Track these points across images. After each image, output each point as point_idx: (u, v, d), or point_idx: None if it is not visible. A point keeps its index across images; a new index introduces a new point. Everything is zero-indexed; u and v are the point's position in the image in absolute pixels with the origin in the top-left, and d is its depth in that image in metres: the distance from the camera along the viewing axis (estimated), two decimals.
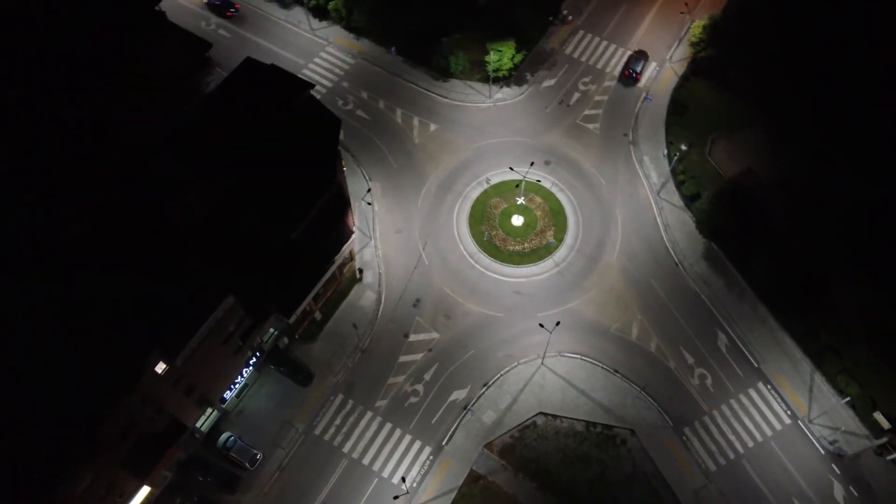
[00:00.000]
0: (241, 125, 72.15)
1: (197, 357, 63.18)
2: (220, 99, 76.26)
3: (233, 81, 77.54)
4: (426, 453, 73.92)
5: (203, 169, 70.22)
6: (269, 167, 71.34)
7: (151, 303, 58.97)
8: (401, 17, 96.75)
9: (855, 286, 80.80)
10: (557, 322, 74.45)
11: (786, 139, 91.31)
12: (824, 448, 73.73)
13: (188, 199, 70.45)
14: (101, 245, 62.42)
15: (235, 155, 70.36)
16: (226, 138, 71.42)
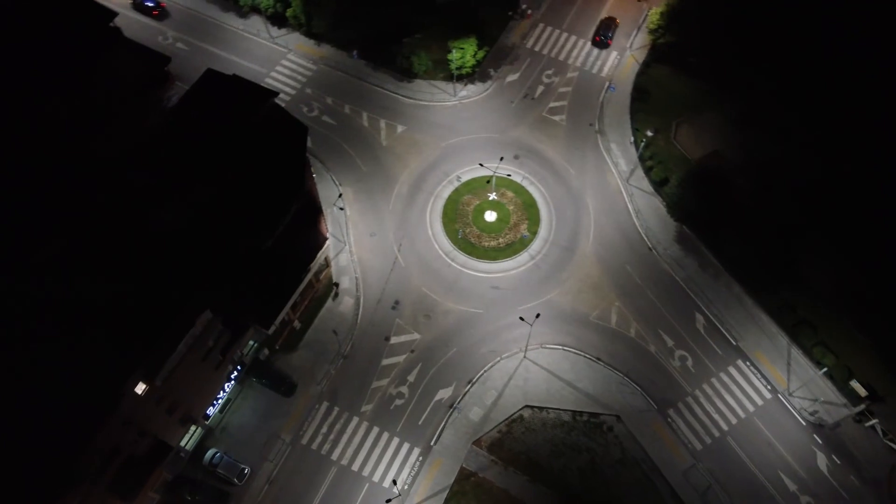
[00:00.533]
0: (206, 138, 71.39)
1: (177, 375, 62.34)
2: (182, 112, 75.41)
3: (195, 94, 76.72)
4: (415, 454, 73.76)
5: (170, 184, 69.37)
6: (237, 178, 70.80)
7: (127, 322, 58.10)
8: (360, 20, 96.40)
9: (824, 258, 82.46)
10: (538, 314, 74.84)
11: (748, 119, 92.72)
12: (805, 419, 75.07)
13: (158, 215, 69.64)
14: (72, 265, 61.38)
15: (202, 168, 69.62)
16: (190, 152, 70.61)
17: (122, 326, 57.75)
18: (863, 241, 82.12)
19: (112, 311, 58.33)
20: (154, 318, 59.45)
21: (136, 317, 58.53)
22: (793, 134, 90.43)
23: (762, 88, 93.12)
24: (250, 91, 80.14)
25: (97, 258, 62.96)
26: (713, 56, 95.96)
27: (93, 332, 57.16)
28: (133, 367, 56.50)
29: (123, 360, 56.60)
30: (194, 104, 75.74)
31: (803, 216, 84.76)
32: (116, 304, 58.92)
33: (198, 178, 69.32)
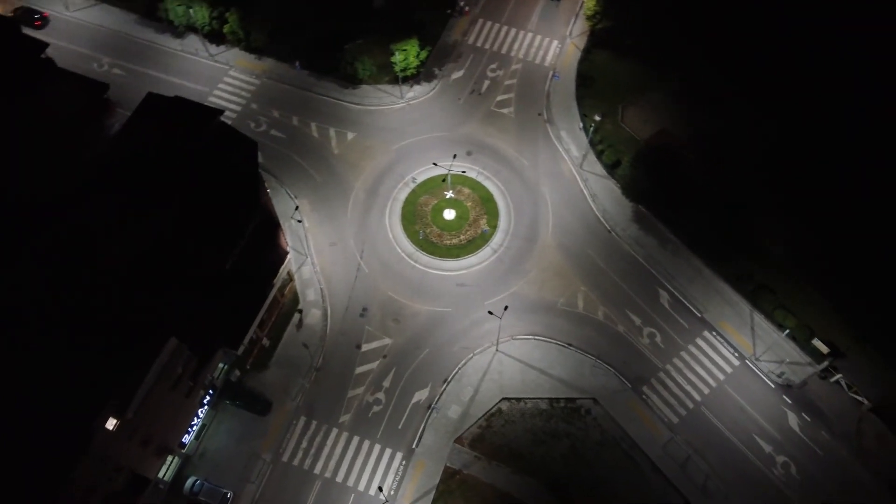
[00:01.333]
0: (152, 164, 70.04)
1: (148, 406, 61.02)
2: (125, 139, 73.91)
3: (137, 119, 75.27)
4: (398, 459, 73.61)
5: (119, 214, 67.92)
6: (189, 200, 69.49)
7: (91, 357, 56.74)
8: (298, 31, 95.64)
9: (776, 222, 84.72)
10: (506, 307, 75.33)
11: (689, 95, 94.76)
12: (773, 382, 77.08)
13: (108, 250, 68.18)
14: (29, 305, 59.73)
15: (151, 195, 68.22)
16: (137, 180, 69.22)
17: (85, 363, 56.43)
18: (810, 201, 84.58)
19: (73, 349, 57.01)
20: (118, 351, 58.23)
21: (99, 352, 57.26)
22: (732, 104, 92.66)
23: (698, 63, 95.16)
24: (194, 111, 78.95)
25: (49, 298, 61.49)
26: (649, 36, 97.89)
27: (55, 372, 55.80)
28: (101, 402, 55.21)
29: (91, 397, 55.31)
30: (137, 130, 74.25)
31: (751, 184, 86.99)
32: (77, 341, 57.61)
33: (147, 206, 67.94)
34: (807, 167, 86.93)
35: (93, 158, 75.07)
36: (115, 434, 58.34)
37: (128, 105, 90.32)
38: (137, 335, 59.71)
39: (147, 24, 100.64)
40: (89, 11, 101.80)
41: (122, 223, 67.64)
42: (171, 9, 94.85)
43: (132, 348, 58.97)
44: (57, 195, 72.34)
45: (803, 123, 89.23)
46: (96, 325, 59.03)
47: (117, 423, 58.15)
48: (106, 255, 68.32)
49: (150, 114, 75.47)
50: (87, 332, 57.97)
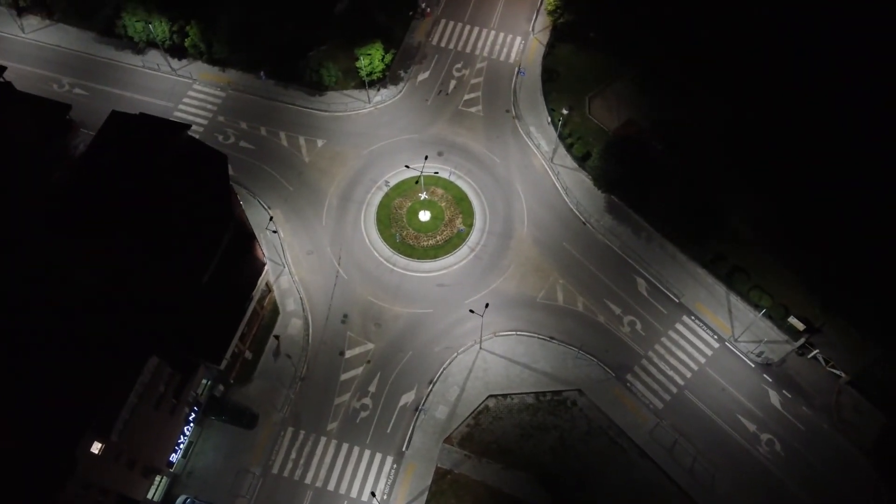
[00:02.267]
0: (121, 181, 69.09)
1: (133, 426, 60.41)
2: (91, 159, 72.79)
3: (102, 138, 74.19)
4: (389, 463, 73.55)
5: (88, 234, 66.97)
6: (161, 217, 68.61)
7: (70, 381, 55.93)
8: (260, 40, 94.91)
9: (740, 202, 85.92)
10: (486, 304, 75.63)
11: (650, 84, 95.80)
12: (753, 361, 78.39)
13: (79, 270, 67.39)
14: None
15: (121, 212, 67.30)
16: (107, 197, 68.25)
17: (64, 388, 55.62)
18: (770, 179, 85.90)
19: (51, 375, 56.15)
20: (98, 373, 57.47)
21: (79, 375, 56.48)
22: (690, 91, 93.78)
23: (655, 53, 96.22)
24: (160, 127, 77.96)
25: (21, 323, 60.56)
26: (608, 28, 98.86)
27: (33, 399, 54.94)
28: (84, 426, 54.46)
29: (73, 421, 54.55)
30: (103, 149, 73.25)
31: (715, 167, 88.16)
32: (54, 366, 56.76)
33: (118, 225, 67.01)
34: (764, 146, 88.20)
35: (59, 179, 74.08)
36: (101, 458, 57.64)
37: (92, 125, 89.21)
38: (117, 356, 59.08)
39: (106, 42, 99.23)
40: (45, 32, 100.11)
41: (91, 244, 66.91)
42: (129, 25, 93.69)
43: (112, 369, 58.32)
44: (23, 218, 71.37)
45: (757, 104, 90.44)
46: (73, 348, 58.33)
47: (102, 447, 57.47)
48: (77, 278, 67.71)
49: (115, 132, 74.42)
50: (63, 356, 57.27)
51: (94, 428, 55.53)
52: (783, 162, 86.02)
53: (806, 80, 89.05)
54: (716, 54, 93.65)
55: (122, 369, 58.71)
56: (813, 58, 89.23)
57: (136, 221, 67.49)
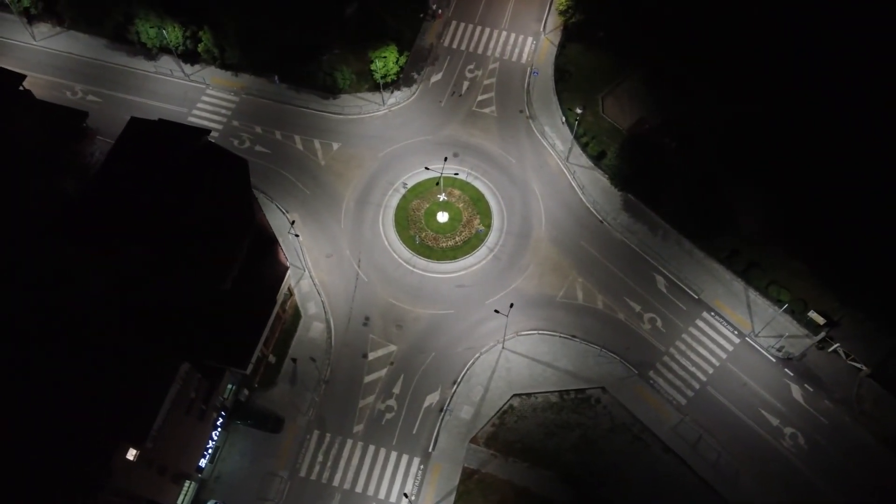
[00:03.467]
0: (142, 187, 69.19)
1: (165, 433, 60.50)
2: (111, 166, 72.79)
3: (122, 145, 74.18)
4: (416, 464, 73.86)
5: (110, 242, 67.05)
6: (183, 224, 68.72)
7: (104, 389, 56.06)
8: (272, 44, 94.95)
9: (753, 199, 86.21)
10: (511, 304, 75.90)
11: (658, 82, 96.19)
12: (774, 356, 78.96)
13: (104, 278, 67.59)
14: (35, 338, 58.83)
15: (143, 219, 67.37)
16: (128, 204, 68.31)
17: (99, 395, 55.75)
18: (783, 176, 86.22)
19: (86, 382, 56.28)
20: (131, 380, 57.61)
21: (113, 383, 56.61)
22: (695, 89, 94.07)
23: (659, 52, 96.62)
24: (180, 133, 78.15)
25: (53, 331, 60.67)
26: (617, 28, 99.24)
27: (69, 406, 55.06)
28: (120, 433, 54.61)
29: (108, 428, 54.68)
30: (123, 156, 73.30)
31: (724, 164, 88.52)
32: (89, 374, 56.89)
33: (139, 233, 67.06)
34: (770, 143, 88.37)
35: (81, 187, 73.98)
36: (135, 464, 57.80)
37: (107, 132, 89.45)
38: (148, 362, 59.21)
39: (118, 49, 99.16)
40: (56, 40, 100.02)
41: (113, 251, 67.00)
42: (142, 31, 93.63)
43: (145, 376, 58.47)
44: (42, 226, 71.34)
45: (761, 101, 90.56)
46: (103, 356, 58.42)
47: (136, 454, 57.63)
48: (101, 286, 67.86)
49: (134, 139, 74.43)
50: (98, 364, 57.34)
51: (129, 435, 55.66)
52: (790, 158, 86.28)
53: (807, 76, 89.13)
54: (718, 53, 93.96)
55: (155, 376, 58.82)
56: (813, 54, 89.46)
57: (158, 228, 67.74)
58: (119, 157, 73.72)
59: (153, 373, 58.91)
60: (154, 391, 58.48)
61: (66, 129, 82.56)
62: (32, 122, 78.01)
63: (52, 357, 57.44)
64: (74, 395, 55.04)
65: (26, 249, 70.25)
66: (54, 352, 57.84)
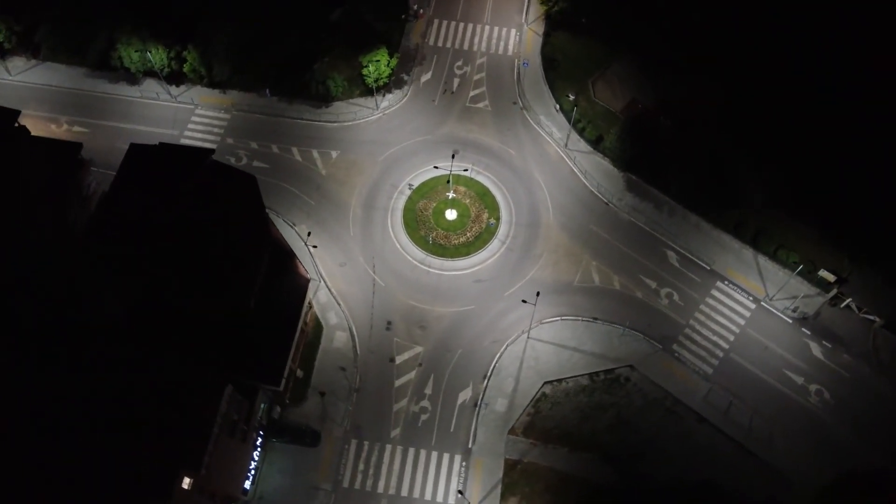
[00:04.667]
0: (152, 213, 68.27)
1: (215, 457, 59.75)
2: (117, 194, 71.78)
3: (125, 172, 73.21)
4: (458, 462, 74.12)
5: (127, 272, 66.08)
6: (198, 245, 67.95)
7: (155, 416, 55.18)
8: (260, 57, 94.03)
9: (753, 169, 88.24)
10: (538, 292, 76.51)
11: (645, 64, 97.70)
12: (790, 317, 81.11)
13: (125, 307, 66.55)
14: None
15: (157, 245, 66.44)
16: (140, 232, 67.37)
17: (150, 425, 54.87)
18: (778, 146, 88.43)
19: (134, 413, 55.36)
20: (177, 407, 56.80)
21: (161, 411, 55.78)
22: (683, 69, 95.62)
23: (645, 35, 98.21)
24: (183, 155, 77.69)
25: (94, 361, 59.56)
26: (600, 13, 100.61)
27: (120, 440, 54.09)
28: (178, 462, 53.80)
29: (165, 457, 53.84)
30: (128, 183, 72.23)
31: (722, 136, 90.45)
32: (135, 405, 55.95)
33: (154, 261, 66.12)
34: (763, 115, 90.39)
35: (93, 217, 72.43)
36: (189, 492, 56.98)
37: (101, 162, 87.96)
38: (195, 387, 58.43)
39: (99, 76, 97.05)
40: (33, 73, 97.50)
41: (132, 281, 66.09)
42: (125, 56, 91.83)
43: (192, 401, 57.66)
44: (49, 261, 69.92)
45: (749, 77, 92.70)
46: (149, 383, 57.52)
47: (191, 481, 56.82)
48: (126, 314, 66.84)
49: (137, 165, 73.52)
50: (144, 393, 56.41)
51: (185, 463, 54.89)
52: (787, 125, 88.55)
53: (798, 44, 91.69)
54: (704, 30, 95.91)
55: (202, 400, 58.05)
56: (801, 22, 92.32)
57: (173, 253, 66.86)
58: (124, 184, 72.67)
59: (200, 397, 58.13)
60: (203, 416, 57.74)
61: (63, 163, 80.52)
62: (29, 158, 76.00)
63: (97, 389, 56.28)
64: (126, 426, 54.03)
65: (44, 282, 68.84)
66: (96, 383, 56.69)
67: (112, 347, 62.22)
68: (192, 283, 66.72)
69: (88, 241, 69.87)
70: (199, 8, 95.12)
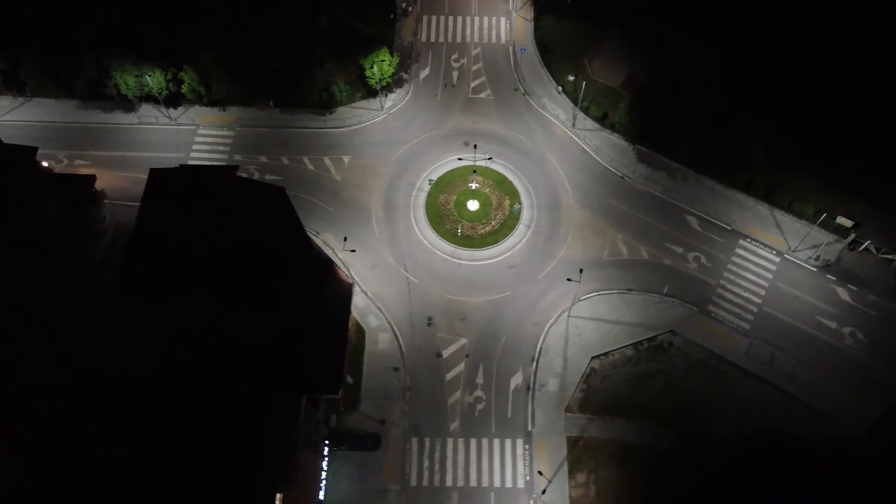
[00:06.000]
0: (189, 237, 67.45)
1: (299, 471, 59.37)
2: (149, 220, 70.50)
3: (152, 198, 71.99)
4: (520, 446, 74.87)
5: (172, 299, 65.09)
6: (240, 264, 67.21)
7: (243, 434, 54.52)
8: (259, 71, 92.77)
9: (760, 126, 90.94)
10: (581, 269, 77.84)
11: (636, 37, 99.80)
12: (813, 266, 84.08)
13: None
14: None
15: (199, 269, 65.57)
16: (180, 257, 66.39)
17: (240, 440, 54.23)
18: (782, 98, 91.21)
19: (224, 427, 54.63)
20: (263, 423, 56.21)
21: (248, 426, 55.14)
22: (672, 38, 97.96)
23: (632, 6, 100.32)
24: (207, 175, 76.73)
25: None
26: None
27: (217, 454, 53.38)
28: (275, 478, 53.31)
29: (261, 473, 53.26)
30: (157, 208, 71.12)
31: (723, 98, 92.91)
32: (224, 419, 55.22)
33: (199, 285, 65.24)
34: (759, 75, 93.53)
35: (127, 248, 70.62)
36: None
37: (113, 193, 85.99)
38: (272, 402, 57.86)
39: (91, 107, 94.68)
40: (22, 111, 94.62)
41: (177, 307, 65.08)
42: (120, 82, 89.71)
43: (273, 417, 57.11)
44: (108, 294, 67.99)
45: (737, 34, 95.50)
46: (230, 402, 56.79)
47: (281, 497, 56.35)
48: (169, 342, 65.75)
49: (161, 190, 72.38)
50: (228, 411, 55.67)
51: (279, 478, 54.40)
52: (785, 79, 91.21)
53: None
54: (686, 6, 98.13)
55: (282, 416, 57.51)
56: None
57: (216, 275, 66.01)
58: (152, 210, 71.50)
59: (279, 413, 57.56)
60: (285, 431, 57.21)
61: (78, 197, 78.46)
62: (48, 194, 73.90)
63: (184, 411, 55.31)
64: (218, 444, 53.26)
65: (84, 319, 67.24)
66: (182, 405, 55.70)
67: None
68: (239, 304, 65.89)
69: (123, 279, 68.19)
70: (183, 28, 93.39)
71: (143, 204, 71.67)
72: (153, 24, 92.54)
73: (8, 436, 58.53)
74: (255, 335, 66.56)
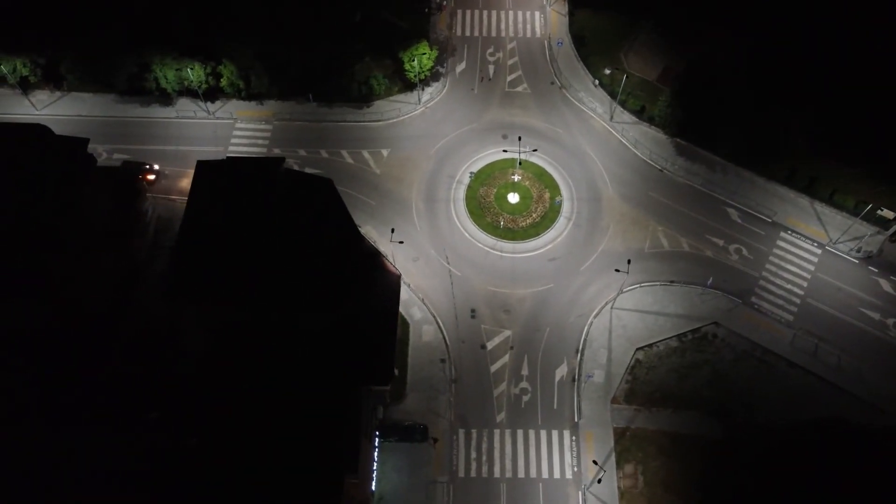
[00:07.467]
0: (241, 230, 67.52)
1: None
2: (199, 213, 70.52)
3: (199, 191, 72.02)
4: (567, 437, 75.02)
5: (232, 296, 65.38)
6: (293, 256, 67.32)
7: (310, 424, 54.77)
8: (298, 65, 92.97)
9: (798, 117, 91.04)
10: (629, 260, 78.21)
11: (671, 31, 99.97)
12: (856, 258, 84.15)
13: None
14: None
15: (254, 261, 65.70)
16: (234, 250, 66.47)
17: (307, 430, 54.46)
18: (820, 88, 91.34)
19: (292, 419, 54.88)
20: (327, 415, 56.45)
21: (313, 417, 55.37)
22: (707, 31, 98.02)
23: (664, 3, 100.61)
24: (254, 167, 76.76)
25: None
26: None
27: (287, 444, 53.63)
28: (343, 468, 53.53)
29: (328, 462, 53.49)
30: (206, 201, 71.11)
31: (760, 90, 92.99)
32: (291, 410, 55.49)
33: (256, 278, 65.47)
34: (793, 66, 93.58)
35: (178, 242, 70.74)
36: (348, 495, 56.69)
37: (153, 187, 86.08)
38: (335, 393, 58.09)
39: (129, 101, 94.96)
40: (60, 105, 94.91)
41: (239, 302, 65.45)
42: (160, 76, 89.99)
43: (335, 407, 57.34)
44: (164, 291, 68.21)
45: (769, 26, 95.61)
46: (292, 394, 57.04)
47: (349, 484, 56.52)
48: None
49: (209, 182, 72.42)
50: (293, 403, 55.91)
51: (347, 467, 54.63)
52: (821, 69, 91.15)
53: None
54: None
55: (343, 405, 57.72)
56: None
57: (268, 269, 66.09)
58: (201, 203, 71.50)
59: (341, 403, 57.77)
60: (349, 420, 57.40)
61: (127, 190, 78.83)
62: (98, 187, 74.20)
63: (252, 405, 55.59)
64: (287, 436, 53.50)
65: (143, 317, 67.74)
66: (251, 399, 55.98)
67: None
68: (293, 296, 66.06)
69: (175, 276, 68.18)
70: (220, 26, 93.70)
71: (191, 197, 71.70)
72: (191, 22, 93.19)
73: (66, 430, 58.95)
74: (309, 327, 66.96)
